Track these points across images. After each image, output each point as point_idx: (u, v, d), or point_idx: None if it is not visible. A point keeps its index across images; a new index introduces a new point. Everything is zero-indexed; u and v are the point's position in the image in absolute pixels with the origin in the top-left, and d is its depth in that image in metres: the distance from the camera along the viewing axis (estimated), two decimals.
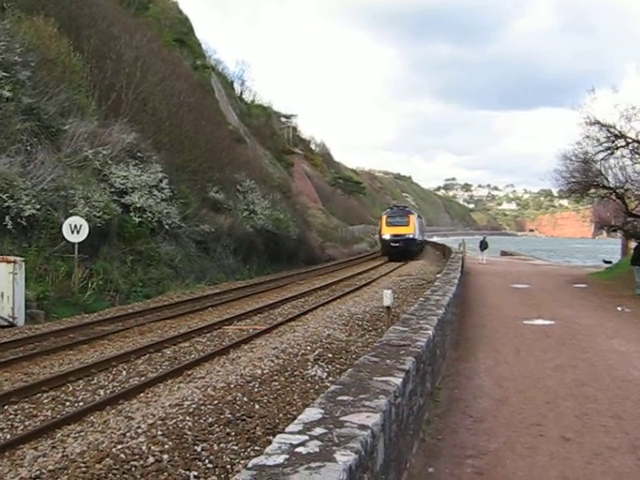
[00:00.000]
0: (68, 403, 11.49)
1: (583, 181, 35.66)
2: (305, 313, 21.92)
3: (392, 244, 55.96)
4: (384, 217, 59.86)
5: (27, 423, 10.37)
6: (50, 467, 8.36)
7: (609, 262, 59.23)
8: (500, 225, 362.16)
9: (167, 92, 44.70)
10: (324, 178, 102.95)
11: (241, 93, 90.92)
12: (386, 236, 57.31)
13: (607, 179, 34.98)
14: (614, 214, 41.64)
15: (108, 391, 12.35)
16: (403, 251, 54.59)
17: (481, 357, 13.61)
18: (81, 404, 11.35)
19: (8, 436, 9.72)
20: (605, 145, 33.31)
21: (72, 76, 32.15)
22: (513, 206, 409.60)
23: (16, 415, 10.82)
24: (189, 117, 46.01)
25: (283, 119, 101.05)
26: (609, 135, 32.82)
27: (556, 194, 50.76)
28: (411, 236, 56.71)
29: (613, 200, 37.08)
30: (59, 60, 31.59)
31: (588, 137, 33.79)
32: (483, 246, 54.07)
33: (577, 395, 10.40)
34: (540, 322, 18.54)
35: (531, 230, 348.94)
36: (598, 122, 32.63)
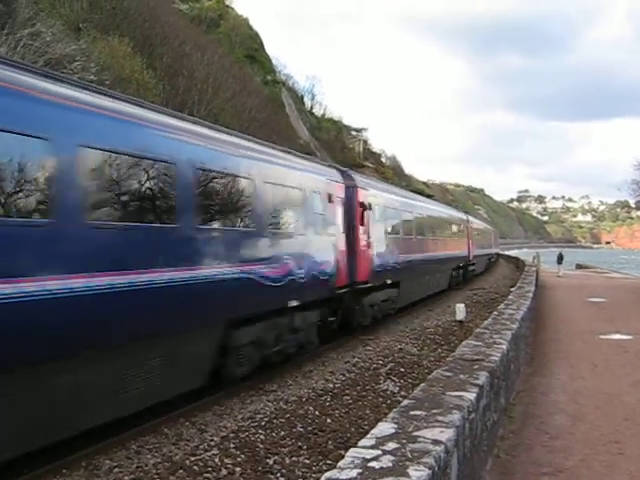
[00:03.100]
0: (143, 415, 11.64)
1: None
2: (377, 327, 21.82)
3: None
4: None
5: (103, 434, 10.54)
6: (126, 478, 8.51)
7: None
8: (575, 237, 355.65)
9: (238, 108, 45.16)
10: None
11: (311, 107, 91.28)
12: None
13: None
14: None
15: (182, 403, 12.48)
16: None
17: (556, 372, 13.36)
18: (156, 416, 11.49)
19: (85, 446, 9.89)
20: None
21: (145, 93, 32.75)
22: (588, 218, 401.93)
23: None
24: (260, 133, 46.31)
25: (353, 132, 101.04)
26: None
27: (633, 205, 49.03)
28: None
29: None
30: (133, 78, 32.23)
31: None
32: (559, 259, 52.86)
33: None
34: (617, 337, 18.10)
35: (607, 242, 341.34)
36: None
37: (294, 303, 14.94)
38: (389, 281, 22.64)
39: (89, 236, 8.97)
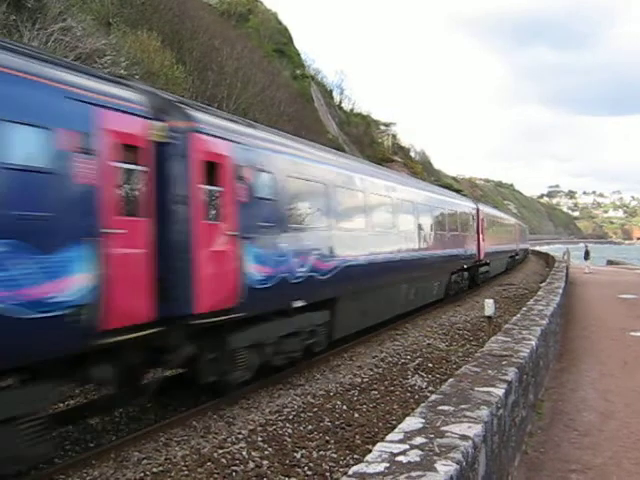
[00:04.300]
0: (171, 407, 11.72)
1: None
2: (405, 322, 21.78)
3: None
4: None
5: (132, 426, 10.63)
6: (154, 470, 8.57)
7: None
8: (606, 233, 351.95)
9: (267, 102, 45.24)
10: None
11: (340, 102, 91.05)
12: None
13: None
14: None
15: (210, 396, 12.52)
16: None
17: (585, 369, 13.25)
18: (184, 409, 11.56)
19: (114, 438, 9.99)
20: None
21: (175, 88, 32.89)
22: (620, 214, 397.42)
23: (121, 418, 11.12)
24: (289, 126, 46.41)
25: (382, 127, 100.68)
26: None
27: None
28: None
29: None
30: (162, 72, 32.37)
31: None
32: (586, 255, 52.30)
33: None
34: None
35: (639, 238, 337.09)
36: None
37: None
38: None
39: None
